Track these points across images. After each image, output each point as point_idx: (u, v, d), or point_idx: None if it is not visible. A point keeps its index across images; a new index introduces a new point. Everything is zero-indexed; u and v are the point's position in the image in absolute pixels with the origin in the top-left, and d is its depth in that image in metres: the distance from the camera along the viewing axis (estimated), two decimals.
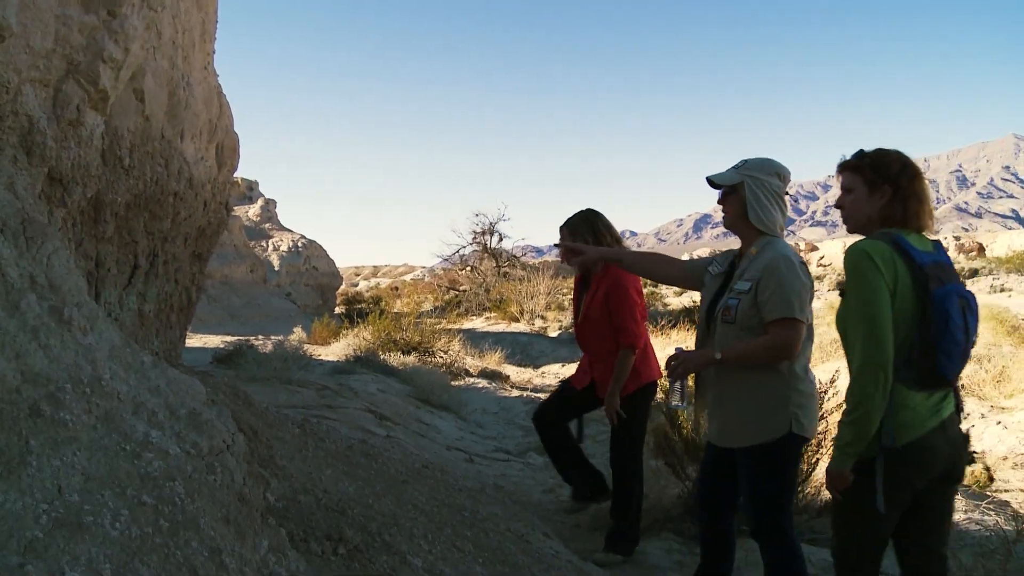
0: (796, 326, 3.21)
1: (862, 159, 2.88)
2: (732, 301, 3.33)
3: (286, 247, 27.76)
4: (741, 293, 3.32)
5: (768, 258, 3.30)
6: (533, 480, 6.52)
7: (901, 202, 2.80)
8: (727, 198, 3.47)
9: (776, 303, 3.22)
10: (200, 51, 4.77)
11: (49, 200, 2.91)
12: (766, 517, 3.34)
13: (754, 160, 3.46)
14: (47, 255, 2.30)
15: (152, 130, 3.91)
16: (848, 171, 2.91)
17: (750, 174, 3.41)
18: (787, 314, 3.20)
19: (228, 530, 1.95)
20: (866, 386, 2.63)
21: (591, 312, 4.69)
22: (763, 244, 3.39)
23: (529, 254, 38.79)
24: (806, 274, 3.33)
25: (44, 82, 2.65)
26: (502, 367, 14.41)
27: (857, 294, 2.69)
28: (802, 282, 3.27)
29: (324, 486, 3.50)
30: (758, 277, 3.28)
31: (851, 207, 2.92)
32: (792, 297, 3.22)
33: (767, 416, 3.27)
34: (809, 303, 3.29)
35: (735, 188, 3.44)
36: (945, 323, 2.64)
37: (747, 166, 3.43)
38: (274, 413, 5.17)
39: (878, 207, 2.83)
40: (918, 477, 2.75)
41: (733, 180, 3.43)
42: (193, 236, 5.11)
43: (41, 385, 1.85)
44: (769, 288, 3.24)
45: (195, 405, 2.32)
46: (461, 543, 3.52)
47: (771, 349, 3.23)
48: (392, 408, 7.86)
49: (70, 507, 1.62)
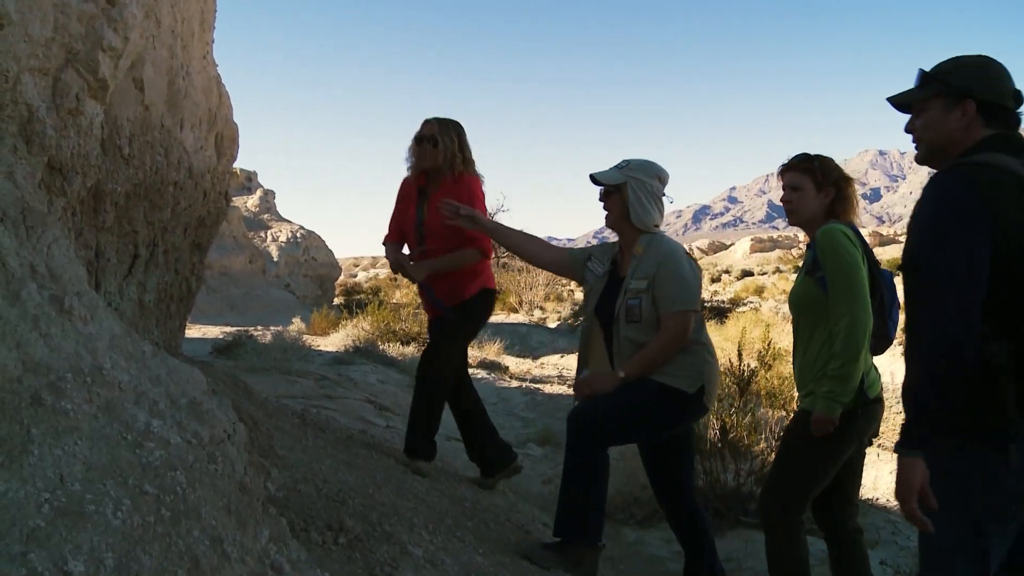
0: (690, 316, 3.39)
1: (811, 161, 3.29)
2: (633, 301, 3.43)
3: (285, 238, 27.74)
4: (640, 292, 3.42)
5: (660, 254, 3.44)
6: (532, 471, 6.53)
7: (841, 201, 3.28)
8: (609, 197, 3.57)
9: (675, 296, 3.37)
10: (199, 40, 4.75)
11: (49, 189, 2.90)
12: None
13: (636, 161, 3.58)
14: (47, 244, 2.29)
15: (152, 119, 3.90)
16: (797, 171, 3.32)
17: (633, 175, 3.52)
18: (686, 306, 3.37)
19: (229, 519, 1.95)
20: (858, 341, 3.00)
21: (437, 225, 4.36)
22: (648, 242, 3.51)
23: None
24: (695, 267, 3.53)
25: (43, 71, 2.63)
26: (501, 358, 14.43)
27: (841, 263, 3.06)
28: (695, 274, 3.48)
29: (324, 476, 3.50)
30: (653, 273, 3.40)
31: (799, 203, 3.31)
32: (689, 290, 3.40)
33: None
34: (699, 294, 3.51)
35: (618, 188, 3.53)
36: (892, 295, 3.23)
37: (630, 167, 3.55)
38: (274, 403, 5.18)
39: (823, 204, 3.28)
40: (868, 429, 3.24)
41: (617, 180, 3.53)
42: (193, 226, 5.10)
43: (42, 374, 1.85)
44: (666, 282, 3.38)
45: (196, 395, 2.31)
46: (462, 533, 3.53)
47: (667, 344, 3.36)
48: (391, 398, 7.87)
49: (72, 496, 1.62)
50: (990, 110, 2.29)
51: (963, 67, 2.36)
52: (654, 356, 3.36)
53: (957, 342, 2.07)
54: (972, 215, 2.11)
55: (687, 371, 3.39)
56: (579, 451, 3.38)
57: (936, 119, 2.36)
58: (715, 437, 5.40)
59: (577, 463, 3.38)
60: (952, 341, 2.07)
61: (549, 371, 14.19)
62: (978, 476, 2.14)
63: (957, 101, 2.31)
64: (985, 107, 2.29)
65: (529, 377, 13.01)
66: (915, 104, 2.43)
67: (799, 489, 3.19)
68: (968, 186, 2.14)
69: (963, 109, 2.30)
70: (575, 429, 3.39)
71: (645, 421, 3.44)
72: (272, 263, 26.10)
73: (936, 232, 2.16)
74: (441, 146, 4.34)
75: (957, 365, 2.08)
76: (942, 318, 2.08)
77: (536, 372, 13.91)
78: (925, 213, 2.20)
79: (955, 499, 2.15)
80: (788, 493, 3.20)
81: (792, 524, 3.21)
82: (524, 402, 10.55)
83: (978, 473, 2.15)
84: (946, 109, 2.33)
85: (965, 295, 2.09)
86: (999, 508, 2.15)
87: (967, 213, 2.12)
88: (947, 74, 2.35)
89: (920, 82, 2.43)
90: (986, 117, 2.29)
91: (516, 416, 9.75)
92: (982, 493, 2.14)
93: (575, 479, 3.39)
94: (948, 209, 2.15)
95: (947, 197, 2.17)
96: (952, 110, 2.32)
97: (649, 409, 3.40)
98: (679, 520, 3.70)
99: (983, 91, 2.29)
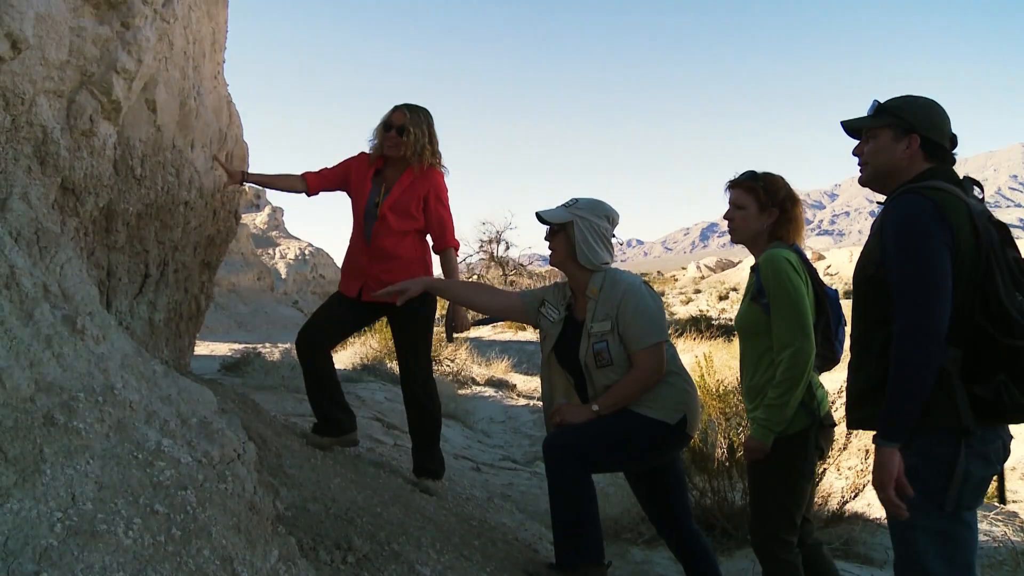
0: (662, 348, 3.34)
1: (756, 181, 3.27)
2: (600, 345, 3.35)
3: (293, 255, 27.84)
4: (605, 334, 3.35)
5: (618, 292, 3.36)
6: (540, 489, 6.51)
7: (786, 223, 3.24)
8: (555, 236, 3.48)
9: (643, 332, 3.31)
10: (210, 61, 4.80)
11: (62, 210, 2.94)
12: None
13: (585, 200, 3.50)
14: (60, 264, 2.32)
15: (163, 140, 3.94)
16: (741, 190, 3.29)
17: (580, 214, 3.44)
18: (656, 339, 3.32)
19: (239, 539, 1.96)
20: (800, 371, 3.00)
21: (394, 209, 4.28)
22: (602, 280, 3.42)
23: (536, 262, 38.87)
24: (654, 295, 3.47)
25: (58, 93, 2.67)
26: (509, 376, 14.40)
27: (784, 293, 3.05)
28: (658, 304, 3.42)
29: (333, 495, 3.51)
30: (615, 313, 3.33)
31: (741, 222, 3.29)
32: (655, 322, 3.35)
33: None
34: (665, 320, 3.44)
35: (563, 227, 3.45)
36: (838, 316, 3.27)
37: (578, 206, 3.48)
38: (282, 421, 5.19)
39: (765, 224, 3.24)
40: (825, 443, 3.24)
41: (563, 219, 3.45)
42: (203, 245, 5.14)
43: (55, 394, 1.87)
44: (631, 320, 3.31)
45: (206, 414, 2.33)
46: (469, 552, 3.52)
47: (644, 379, 3.31)
48: (399, 416, 7.85)
49: (84, 515, 1.64)
50: (931, 147, 2.58)
51: (912, 106, 2.62)
52: (629, 391, 3.31)
53: (934, 345, 2.31)
54: (937, 231, 2.36)
55: (668, 402, 3.34)
56: (560, 476, 3.33)
57: (885, 146, 2.63)
58: (723, 456, 5.38)
59: (561, 488, 3.33)
60: (930, 344, 2.31)
61: None
62: (944, 470, 2.36)
63: (905, 134, 2.59)
64: (927, 143, 2.58)
65: (537, 395, 12.98)
66: (866, 130, 2.70)
67: (783, 513, 3.16)
68: (932, 206, 2.38)
69: (909, 142, 2.58)
70: (553, 456, 3.34)
71: (627, 452, 3.38)
72: (280, 280, 26.19)
73: (907, 246, 2.38)
74: (412, 137, 4.21)
75: (932, 367, 2.31)
76: (922, 322, 2.31)
77: None
78: (892, 230, 2.43)
79: (930, 492, 2.36)
80: (774, 520, 3.17)
81: (788, 550, 3.17)
82: (532, 420, 10.53)
83: (943, 467, 2.36)
84: (895, 140, 2.61)
85: (941, 302, 2.32)
86: (966, 499, 2.38)
87: (933, 229, 2.36)
88: (899, 109, 2.62)
89: (874, 112, 2.69)
90: (927, 152, 2.58)
91: (524, 434, 9.73)
92: (951, 486, 2.35)
93: (561, 505, 3.34)
94: (915, 224, 2.38)
95: (913, 214, 2.40)
96: (900, 141, 2.60)
97: (631, 441, 3.35)
98: (679, 545, 3.65)
99: (927, 129, 2.58)
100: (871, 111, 2.70)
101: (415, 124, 4.23)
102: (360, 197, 4.39)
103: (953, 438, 2.34)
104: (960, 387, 2.33)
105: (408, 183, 4.31)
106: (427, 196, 4.33)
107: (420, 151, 4.25)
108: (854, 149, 2.75)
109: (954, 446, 2.34)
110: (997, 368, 2.30)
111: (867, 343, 2.54)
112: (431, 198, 4.35)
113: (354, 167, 4.48)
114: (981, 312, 2.32)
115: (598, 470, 3.51)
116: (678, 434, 3.38)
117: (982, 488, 2.42)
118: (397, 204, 4.28)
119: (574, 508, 3.32)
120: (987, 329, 2.31)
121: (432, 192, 4.34)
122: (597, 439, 3.31)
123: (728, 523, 5.18)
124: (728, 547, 4.99)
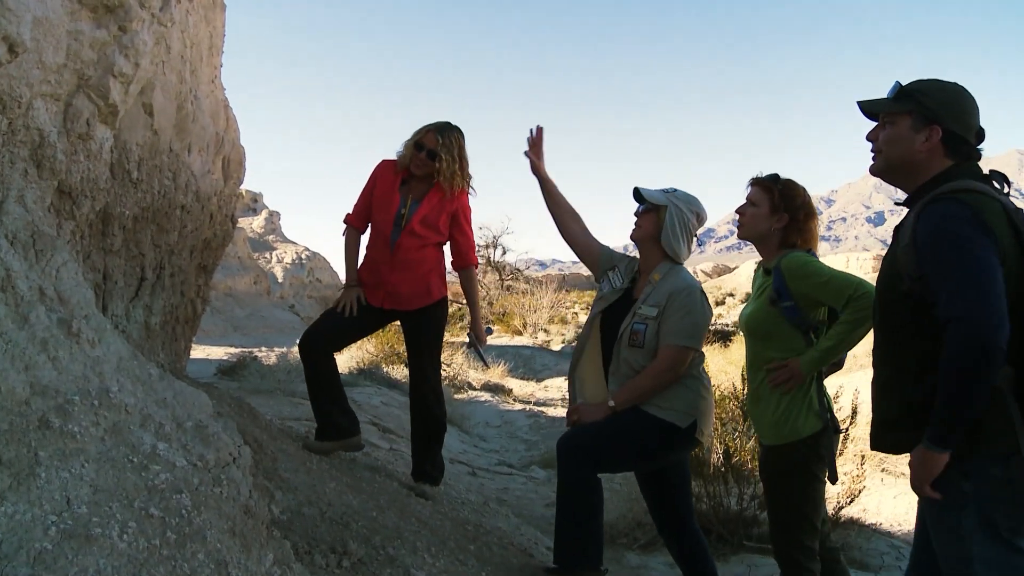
0: (688, 353, 3.39)
1: (775, 183, 3.30)
2: (639, 326, 3.44)
3: (290, 259, 27.82)
4: (648, 319, 3.43)
5: (674, 286, 3.45)
6: (536, 494, 6.51)
7: (796, 232, 3.26)
8: (646, 214, 3.59)
9: (679, 330, 3.37)
10: (208, 65, 4.81)
11: (58, 213, 2.94)
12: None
13: (683, 192, 3.61)
14: (56, 268, 2.32)
15: (160, 144, 3.94)
16: (759, 188, 3.32)
17: (676, 203, 3.55)
18: (687, 343, 3.37)
19: (234, 542, 1.96)
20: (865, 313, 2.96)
21: (423, 223, 4.32)
22: (666, 271, 3.53)
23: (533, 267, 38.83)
24: (707, 306, 3.53)
25: (55, 96, 2.67)
26: (505, 380, 14.42)
27: (822, 276, 3.09)
28: (705, 315, 3.48)
29: (328, 499, 3.51)
30: (663, 303, 3.41)
31: (750, 219, 3.32)
32: (694, 328, 3.40)
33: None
34: (705, 333, 3.51)
35: (657, 208, 3.55)
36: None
37: (676, 195, 3.58)
38: (278, 425, 5.18)
39: (772, 227, 3.26)
40: (835, 447, 3.24)
41: (659, 200, 3.55)
42: (199, 248, 5.14)
43: (50, 397, 1.87)
44: (674, 316, 3.39)
45: (201, 417, 2.33)
46: (464, 556, 3.52)
47: (658, 375, 3.37)
48: (395, 421, 7.86)
49: (78, 519, 1.64)
50: (953, 141, 2.32)
51: (938, 91, 2.36)
52: (644, 386, 3.38)
53: (994, 346, 2.04)
54: (982, 240, 2.11)
55: (681, 405, 3.40)
56: (570, 476, 3.39)
57: (902, 135, 2.37)
58: (718, 461, 5.39)
59: (569, 488, 3.39)
60: (989, 344, 2.04)
61: (553, 394, 14.16)
62: (1002, 494, 2.16)
63: (925, 124, 2.32)
64: (949, 136, 2.31)
65: (533, 400, 12.99)
66: (883, 114, 2.44)
67: (802, 518, 3.14)
68: (972, 211, 2.14)
69: (929, 133, 2.32)
70: (565, 454, 3.41)
71: (636, 452, 3.44)
72: (277, 284, 26.16)
73: (951, 258, 2.12)
74: (444, 164, 4.25)
75: (992, 372, 2.07)
76: (981, 322, 2.05)
77: (540, 395, 13.89)
78: (930, 242, 2.18)
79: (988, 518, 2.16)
80: (795, 527, 3.16)
81: (811, 557, 3.16)
82: (528, 425, 10.54)
83: (1001, 491, 2.16)
84: (914, 129, 2.34)
85: (998, 307, 2.06)
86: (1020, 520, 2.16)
87: (977, 238, 2.11)
88: (922, 94, 2.36)
89: (895, 95, 2.43)
90: (948, 147, 2.32)
91: (520, 439, 9.74)
92: (1012, 510, 2.15)
93: (569, 504, 3.39)
94: (959, 228, 2.14)
95: (954, 218, 2.15)
96: (919, 131, 2.33)
97: (640, 441, 3.41)
98: (680, 545, 3.68)
99: (952, 120, 2.31)
100: (891, 93, 2.44)
101: (446, 150, 4.26)
102: (387, 207, 4.38)
103: (1011, 460, 2.14)
104: (1015, 405, 2.13)
105: (437, 200, 4.35)
106: (455, 214, 4.41)
107: (451, 176, 4.30)
108: (868, 133, 2.49)
109: (1012, 468, 2.14)
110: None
111: (900, 363, 2.33)
112: (459, 217, 4.43)
113: (379, 177, 4.48)
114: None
115: (609, 470, 3.61)
116: (687, 438, 3.43)
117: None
118: (426, 219, 4.33)
119: (582, 509, 3.38)
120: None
121: (460, 212, 4.42)
122: (610, 439, 3.39)
123: (723, 528, 5.18)
124: (723, 552, 4.99)
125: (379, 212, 4.42)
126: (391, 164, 4.47)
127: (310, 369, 4.43)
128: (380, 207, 4.41)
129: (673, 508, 3.65)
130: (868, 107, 2.49)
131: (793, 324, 3.17)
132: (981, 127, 2.36)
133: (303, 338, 4.45)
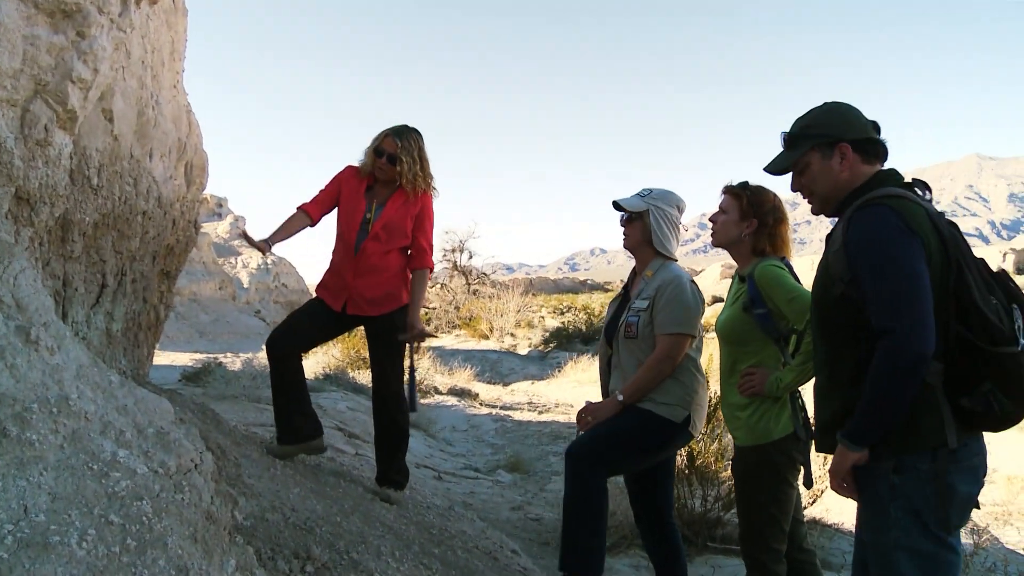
0: (682, 340, 3.51)
1: (744, 190, 3.37)
2: (632, 319, 3.60)
3: (255, 264, 27.58)
4: (640, 311, 3.59)
5: (663, 279, 3.60)
6: (502, 498, 6.54)
7: (765, 236, 3.33)
8: (631, 224, 3.74)
9: (670, 319, 3.50)
10: (169, 70, 4.78)
11: (16, 220, 2.91)
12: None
13: (658, 191, 3.75)
14: (14, 275, 2.30)
15: (121, 149, 3.91)
16: (729, 195, 3.40)
17: (655, 203, 3.70)
18: (680, 329, 3.49)
19: (195, 549, 1.96)
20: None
21: (386, 227, 4.34)
22: (658, 266, 3.69)
23: (499, 271, 38.85)
24: (697, 294, 3.64)
25: (11, 102, 2.65)
26: (471, 384, 14.42)
27: (790, 293, 3.13)
28: (693, 300, 3.58)
29: (292, 504, 3.50)
30: (653, 295, 3.56)
31: (722, 226, 3.42)
32: (686, 314, 3.52)
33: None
34: (698, 319, 3.58)
35: (640, 215, 3.70)
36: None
37: (652, 195, 3.72)
38: (242, 431, 5.16)
39: (742, 233, 3.33)
40: (807, 449, 3.28)
41: (639, 207, 3.70)
42: (162, 254, 5.10)
43: (7, 405, 1.86)
44: (664, 304, 3.52)
45: (163, 424, 2.32)
46: (429, 561, 3.53)
47: (657, 364, 3.48)
48: (361, 426, 7.84)
49: (36, 527, 1.63)
50: (861, 145, 2.47)
51: (821, 115, 2.54)
52: (646, 376, 3.48)
53: (923, 358, 2.16)
54: (909, 241, 2.23)
55: (672, 398, 3.49)
56: (583, 482, 3.44)
57: (821, 170, 2.52)
58: (683, 463, 5.45)
59: (582, 494, 3.44)
60: (918, 358, 2.16)
61: (519, 398, 14.20)
62: (930, 488, 2.25)
63: (831, 147, 2.48)
64: (856, 144, 2.47)
65: (499, 404, 13.01)
66: (794, 164, 2.59)
67: (770, 520, 3.19)
68: (897, 216, 2.25)
69: (841, 153, 2.47)
70: (577, 462, 3.47)
71: (635, 450, 3.53)
72: (242, 289, 25.93)
73: (879, 262, 2.24)
74: (404, 167, 4.28)
75: (917, 383, 2.19)
76: (911, 336, 2.16)
77: (507, 399, 13.91)
78: (859, 247, 2.30)
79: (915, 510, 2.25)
80: (762, 528, 3.21)
81: (778, 560, 3.21)
82: (494, 429, 10.56)
83: (929, 485, 2.25)
84: (825, 158, 2.50)
85: (925, 313, 2.17)
86: (953, 518, 2.26)
87: (906, 239, 2.23)
88: (810, 127, 2.53)
89: (791, 143, 2.59)
90: (861, 153, 2.47)
91: (486, 443, 9.75)
92: (938, 504, 2.24)
93: (576, 512, 3.43)
94: (887, 237, 2.25)
95: (881, 226, 2.27)
96: (831, 157, 2.49)
97: (638, 438, 3.50)
98: (656, 539, 3.73)
99: (848, 130, 2.48)
100: (786, 144, 2.61)
101: (406, 152, 4.29)
102: (352, 213, 4.41)
103: (938, 454, 2.23)
104: (944, 401, 2.23)
105: (401, 203, 4.37)
106: (417, 215, 4.42)
107: (413, 179, 4.33)
108: (791, 186, 2.65)
109: (940, 461, 2.23)
110: (982, 377, 2.19)
111: (837, 366, 2.42)
112: (421, 217, 4.44)
113: (344, 182, 4.50)
114: (959, 321, 2.20)
115: (619, 471, 3.72)
116: (681, 432, 3.55)
117: (968, 507, 2.30)
118: (390, 223, 4.34)
119: (594, 514, 3.43)
120: (967, 338, 2.19)
121: (423, 212, 4.44)
122: (617, 441, 3.48)
123: (688, 529, 5.24)
124: (688, 553, 5.04)
125: (344, 218, 4.45)
126: (354, 169, 4.50)
127: (275, 371, 4.44)
128: (345, 213, 4.44)
129: (654, 500, 3.75)
130: (777, 167, 2.65)
131: (765, 331, 3.23)
132: (873, 120, 2.53)
133: (269, 338, 4.46)
